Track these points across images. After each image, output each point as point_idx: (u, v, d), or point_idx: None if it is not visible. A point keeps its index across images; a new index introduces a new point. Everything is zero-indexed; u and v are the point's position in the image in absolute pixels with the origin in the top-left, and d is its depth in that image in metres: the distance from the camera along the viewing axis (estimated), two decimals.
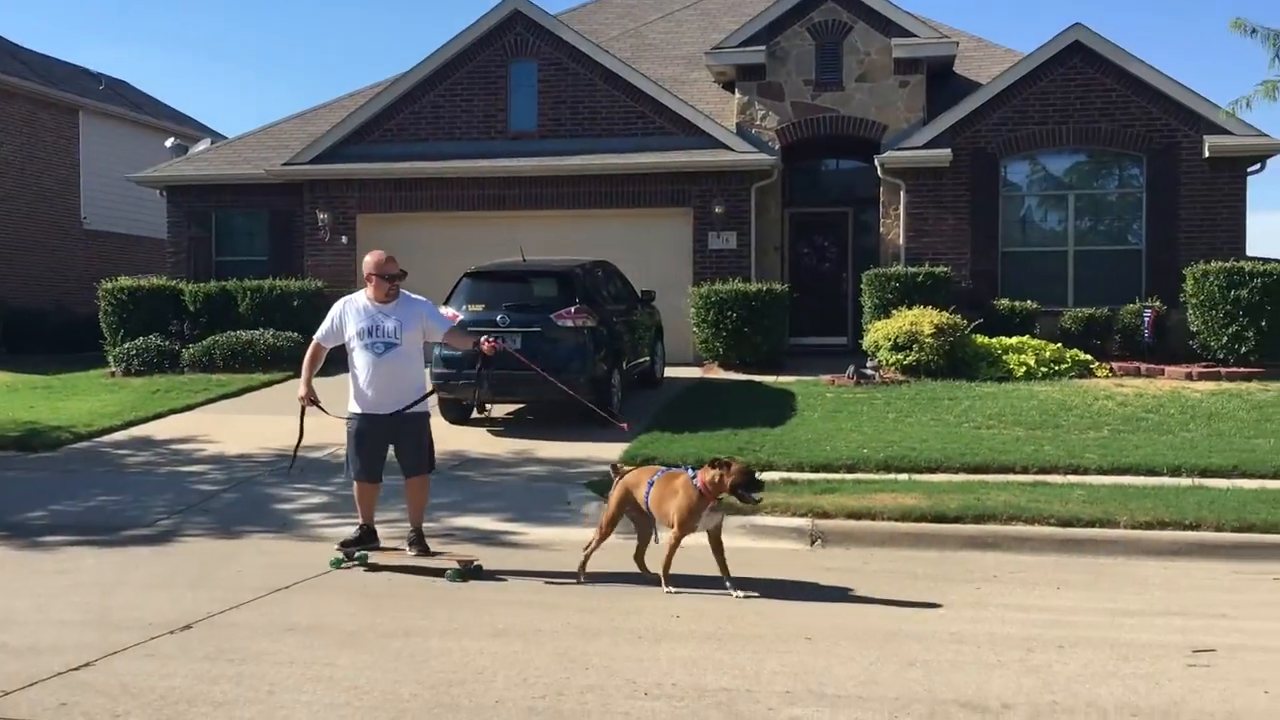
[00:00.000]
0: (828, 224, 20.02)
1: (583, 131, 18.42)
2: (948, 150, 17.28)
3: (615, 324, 12.88)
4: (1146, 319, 16.03)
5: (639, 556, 6.82)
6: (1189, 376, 14.61)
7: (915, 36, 18.01)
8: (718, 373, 16.17)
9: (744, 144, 17.99)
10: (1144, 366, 15.25)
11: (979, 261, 17.41)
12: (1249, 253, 16.77)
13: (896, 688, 4.72)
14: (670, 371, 15.87)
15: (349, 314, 7.07)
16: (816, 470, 10.05)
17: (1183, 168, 16.94)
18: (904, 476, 9.78)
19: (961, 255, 17.42)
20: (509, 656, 5.13)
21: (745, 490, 6.34)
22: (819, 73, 18.33)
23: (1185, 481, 9.38)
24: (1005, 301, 16.57)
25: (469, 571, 6.78)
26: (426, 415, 7.18)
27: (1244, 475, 9.59)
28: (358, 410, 7.03)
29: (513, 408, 13.59)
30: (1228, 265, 15.19)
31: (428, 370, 12.54)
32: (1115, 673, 4.93)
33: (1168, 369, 14.97)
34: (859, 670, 4.95)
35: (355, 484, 7.17)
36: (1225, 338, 15.03)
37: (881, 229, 18.20)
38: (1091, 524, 7.88)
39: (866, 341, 15.77)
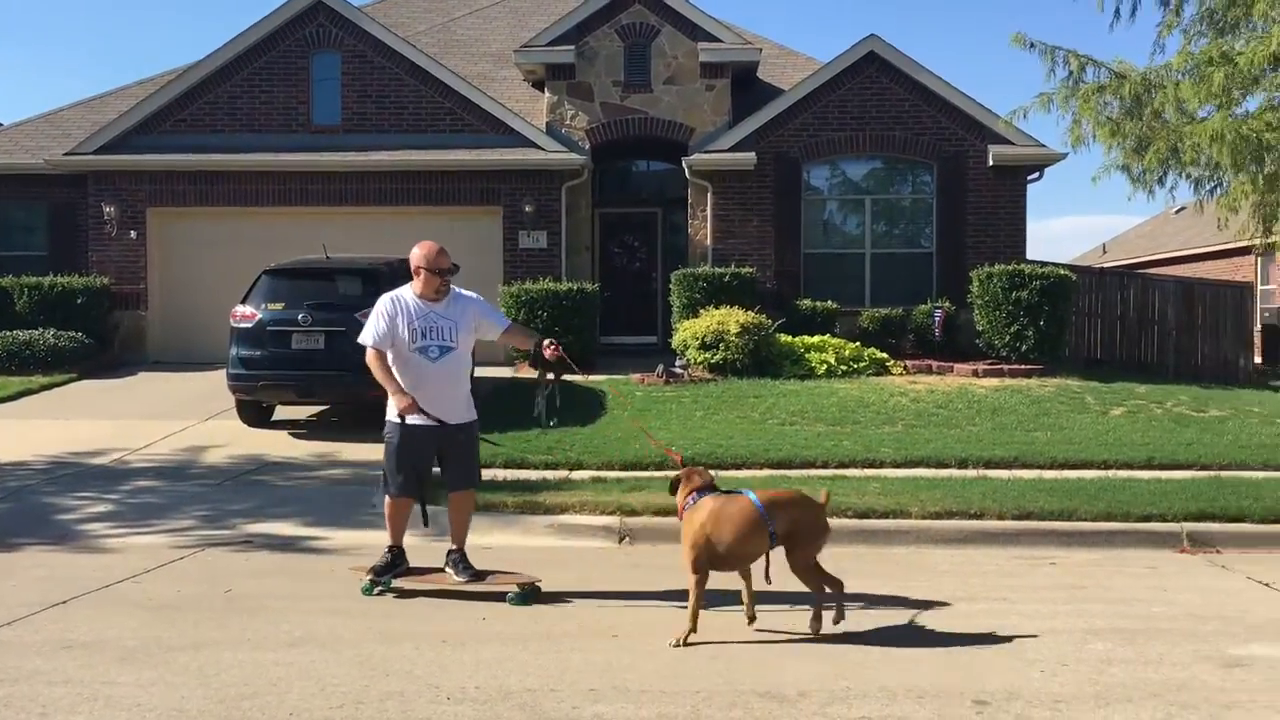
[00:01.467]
0: (638, 224, 20.23)
1: (389, 127, 18.03)
2: (752, 154, 17.72)
3: None
4: (937, 319, 16.83)
5: None
6: (975, 373, 15.41)
7: (720, 42, 18.40)
8: (529, 372, 16.09)
9: (554, 143, 17.98)
10: (935, 364, 16.00)
11: (783, 262, 17.92)
12: (1030, 256, 17.83)
13: (700, 680, 4.78)
14: (481, 371, 15.66)
15: (400, 313, 6.28)
16: (626, 468, 10.13)
17: (969, 175, 17.87)
18: (711, 474, 9.94)
19: (766, 256, 17.89)
20: (306, 666, 4.95)
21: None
22: (628, 74, 18.51)
23: (971, 473, 9.88)
24: (808, 301, 17.10)
25: (531, 594, 6.18)
26: (477, 423, 6.60)
27: (1023, 466, 10.17)
28: (402, 420, 6.28)
29: (316, 409, 13.18)
30: (1009, 268, 16.10)
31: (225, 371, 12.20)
32: (910, 658, 5.13)
33: (956, 366, 15.76)
34: (664, 664, 5.00)
35: (390, 501, 6.46)
36: (1008, 336, 15.92)
37: (690, 230, 18.50)
38: (886, 515, 8.19)
39: (675, 340, 16.00)
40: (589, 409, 12.88)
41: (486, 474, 8.17)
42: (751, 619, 5.62)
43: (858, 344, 16.07)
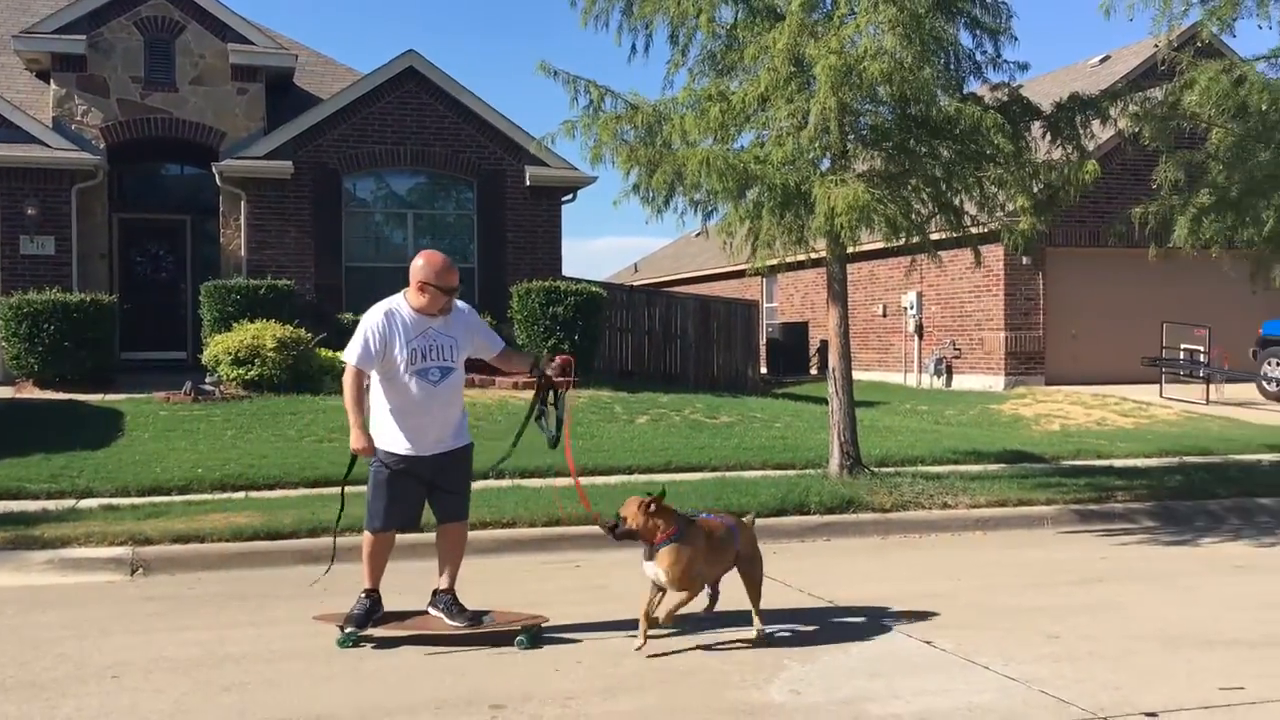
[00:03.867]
0: (165, 232, 18.90)
1: None
2: (289, 162, 17.13)
3: None
4: None
5: None
6: (515, 386, 15.85)
7: (253, 44, 17.65)
8: (33, 392, 14.48)
9: (62, 140, 16.35)
10: (477, 378, 16.25)
11: (323, 275, 17.48)
12: (570, 274, 18.69)
13: (209, 715, 4.50)
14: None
15: (395, 329, 5.53)
16: (144, 494, 9.38)
17: (509, 194, 18.42)
18: (241, 495, 9.48)
19: (306, 269, 17.36)
20: None
21: None
22: (149, 71, 17.25)
23: (506, 483, 10.15)
24: (349, 315, 16.73)
25: (538, 635, 5.58)
26: (472, 447, 5.91)
27: (556, 474, 10.59)
28: (399, 451, 5.58)
29: None
30: (547, 284, 16.77)
31: None
32: (431, 669, 5.15)
33: (497, 379, 16.11)
34: (168, 704, 4.65)
35: (373, 537, 5.73)
36: (546, 350, 16.55)
37: (223, 239, 17.55)
38: (422, 529, 8.17)
39: (207, 356, 15.08)
40: (102, 431, 11.81)
41: None
42: None
43: None
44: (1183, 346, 19.08)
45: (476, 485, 9.82)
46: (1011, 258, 19.84)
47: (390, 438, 5.61)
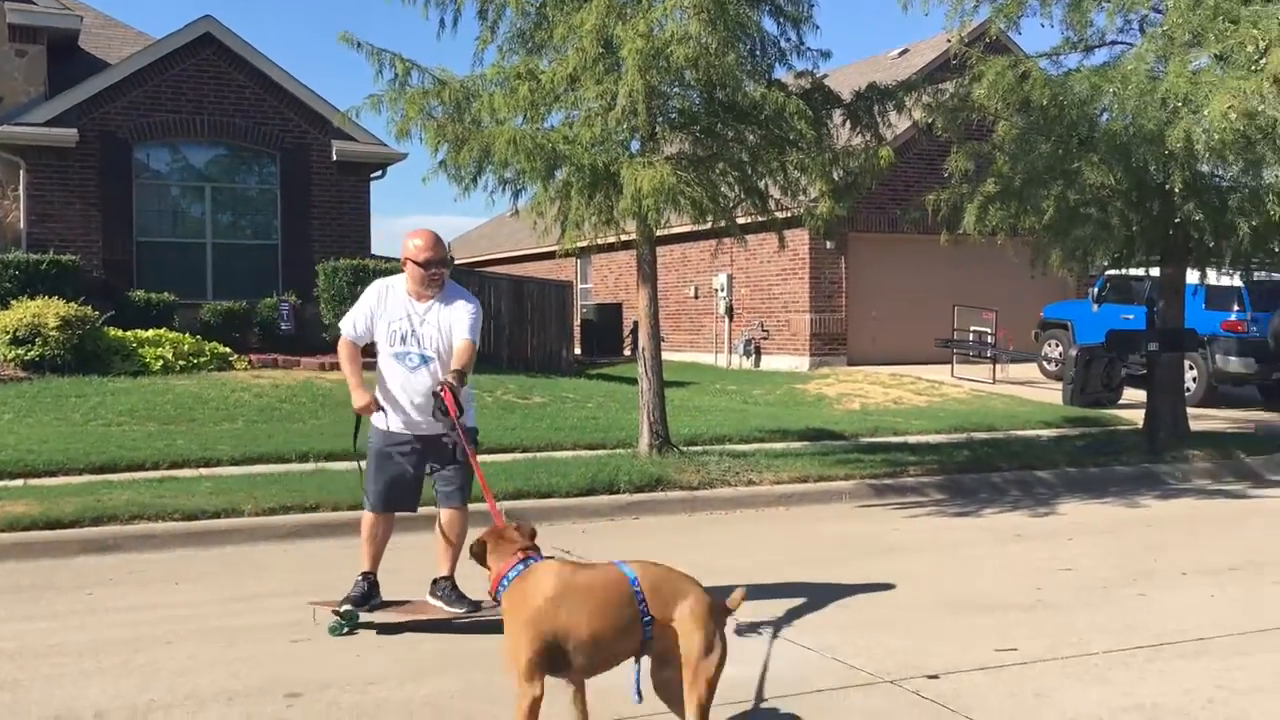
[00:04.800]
0: None
1: None
2: (74, 130, 16.12)
3: None
4: (284, 312, 16.61)
5: None
6: (322, 367, 15.43)
7: (34, 3, 16.48)
8: None
9: None
10: (281, 358, 15.76)
11: (112, 250, 16.55)
12: (376, 252, 18.25)
13: None
14: None
15: (384, 306, 5.55)
16: None
17: (314, 169, 17.84)
18: (19, 483, 8.90)
19: (93, 243, 16.40)
20: None
21: None
22: None
23: (310, 466, 9.86)
24: (141, 293, 15.96)
25: None
26: (475, 431, 5.57)
27: (363, 456, 10.35)
28: (382, 427, 5.60)
29: None
30: (354, 262, 16.33)
31: None
32: (220, 660, 4.95)
33: (303, 360, 15.66)
34: None
35: (368, 517, 5.66)
36: None
37: (0, 211, 16.38)
38: (217, 515, 7.87)
39: None
40: None
41: None
42: None
43: (199, 338, 15.32)
44: (972, 328, 20.15)
45: (281, 469, 9.62)
46: (816, 242, 20.48)
47: (379, 414, 5.59)
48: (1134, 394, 15.23)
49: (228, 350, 15.38)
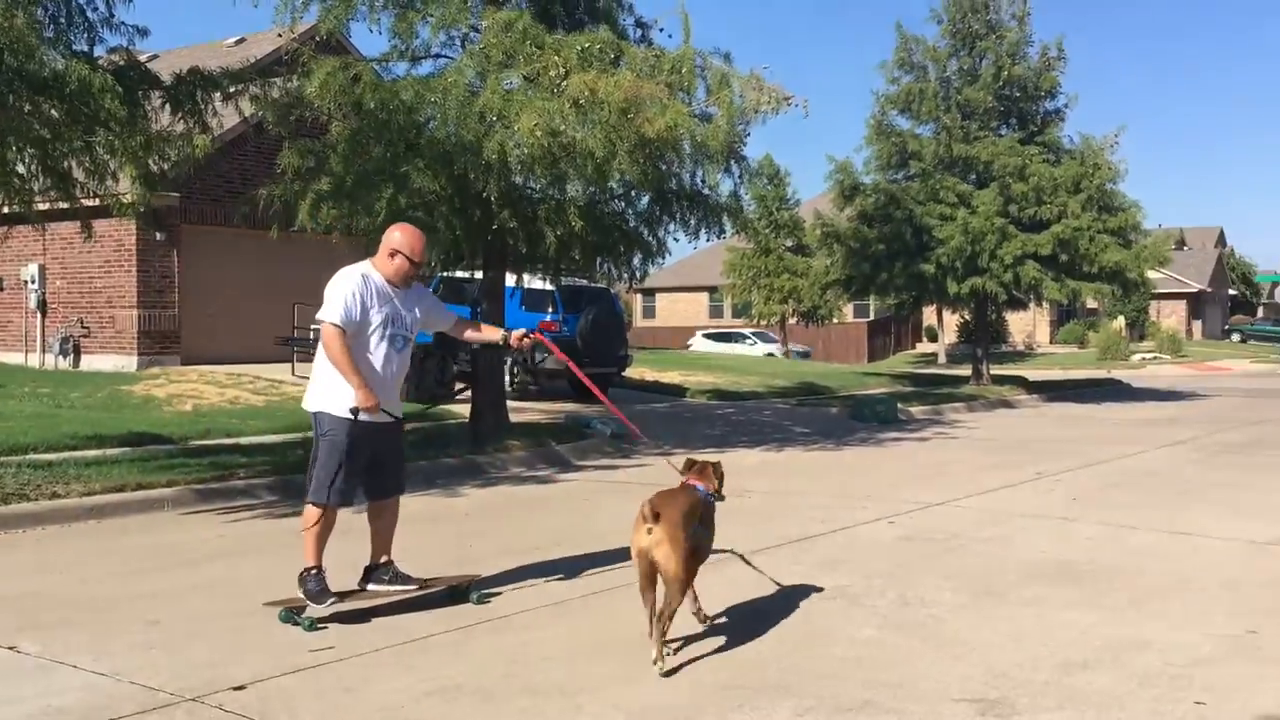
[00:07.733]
0: None
1: None
2: None
3: None
4: None
5: None
6: None
7: None
8: None
9: None
10: None
11: None
12: None
13: None
14: None
15: (371, 295, 5.56)
16: None
17: None
18: None
19: None
20: None
21: None
22: None
23: None
24: None
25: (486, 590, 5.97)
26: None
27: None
28: (363, 416, 5.49)
29: None
30: None
31: None
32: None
33: None
34: None
35: (322, 511, 5.54)
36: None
37: None
38: None
39: None
40: None
41: None
42: None
43: None
44: (313, 326, 20.05)
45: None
46: (145, 234, 19.12)
47: (345, 401, 5.48)
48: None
49: None
